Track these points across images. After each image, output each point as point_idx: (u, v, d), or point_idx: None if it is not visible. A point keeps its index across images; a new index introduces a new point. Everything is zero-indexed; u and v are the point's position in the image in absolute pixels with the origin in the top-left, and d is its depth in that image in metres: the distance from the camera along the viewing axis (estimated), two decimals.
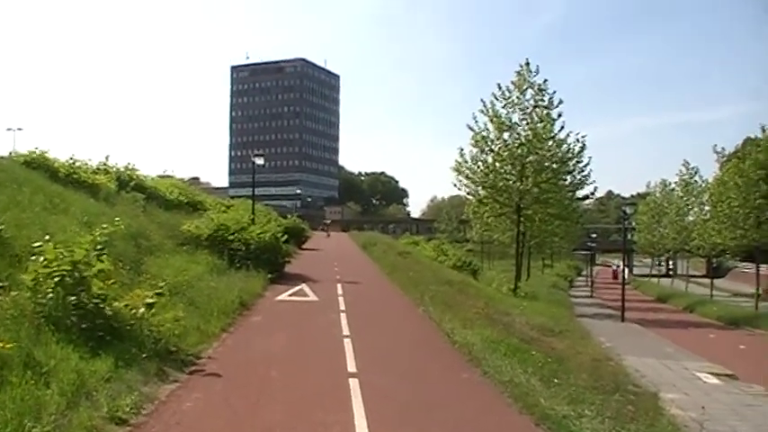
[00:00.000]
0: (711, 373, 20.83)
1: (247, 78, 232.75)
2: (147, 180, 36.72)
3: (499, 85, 39.80)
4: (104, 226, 12.88)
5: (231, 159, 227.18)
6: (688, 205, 70.69)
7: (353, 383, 11.29)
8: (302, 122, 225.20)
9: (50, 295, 10.66)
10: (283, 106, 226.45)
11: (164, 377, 10.67)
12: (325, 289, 25.14)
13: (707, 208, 63.58)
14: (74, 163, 28.92)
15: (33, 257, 11.27)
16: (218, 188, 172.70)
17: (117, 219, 14.76)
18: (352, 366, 12.80)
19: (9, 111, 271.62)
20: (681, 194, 72.47)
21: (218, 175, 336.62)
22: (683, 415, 13.63)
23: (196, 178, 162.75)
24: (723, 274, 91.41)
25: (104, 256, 11.92)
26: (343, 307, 20.96)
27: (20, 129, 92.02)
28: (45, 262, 10.89)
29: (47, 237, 12.03)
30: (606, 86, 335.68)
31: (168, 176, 46.17)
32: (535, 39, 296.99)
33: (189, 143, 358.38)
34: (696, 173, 70.61)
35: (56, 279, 10.76)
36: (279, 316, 19.14)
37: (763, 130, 52.63)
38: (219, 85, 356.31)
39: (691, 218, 69.62)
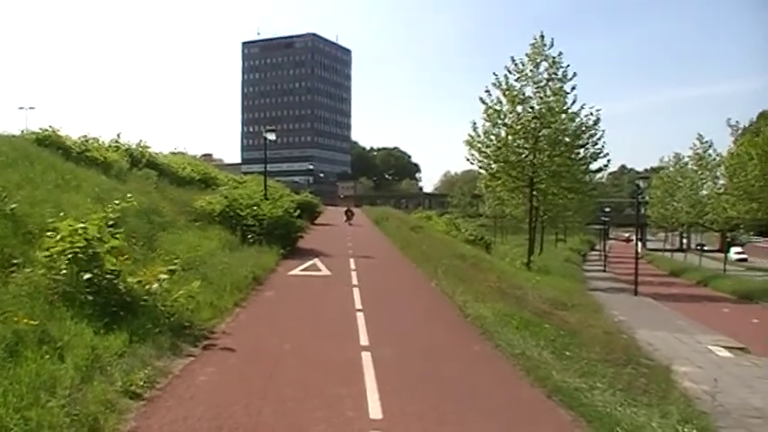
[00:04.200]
0: (724, 347, 20.88)
1: (258, 54, 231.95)
2: (160, 157, 36.70)
3: (513, 58, 39.70)
4: (117, 202, 12.96)
5: (243, 135, 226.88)
6: (702, 179, 70.38)
7: (366, 357, 11.36)
8: (314, 98, 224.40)
9: (64, 271, 10.75)
10: (295, 82, 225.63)
11: (177, 352, 10.74)
12: (338, 263, 25.21)
13: (721, 182, 63.54)
14: (86, 140, 28.91)
15: (49, 234, 11.33)
16: (230, 164, 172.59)
17: (129, 195, 14.85)
18: (364, 340, 12.87)
19: (21, 89, 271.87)
20: (695, 168, 72.17)
21: (230, 152, 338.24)
22: (696, 387, 13.67)
23: (209, 155, 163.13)
24: None
25: (118, 233, 11.99)
26: (355, 281, 21.05)
27: (32, 108, 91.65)
28: (59, 239, 10.95)
29: (61, 214, 12.10)
30: (620, 61, 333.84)
31: (180, 153, 46.11)
32: (550, 12, 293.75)
33: (201, 120, 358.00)
34: (710, 146, 70.28)
35: (69, 256, 10.84)
36: (292, 291, 19.22)
37: None
38: (231, 62, 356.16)
39: (704, 192, 69.31)
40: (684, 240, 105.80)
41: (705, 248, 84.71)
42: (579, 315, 22.03)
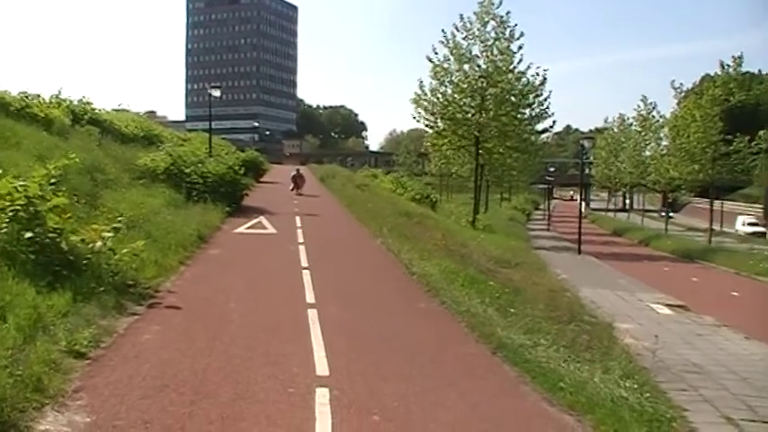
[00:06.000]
0: (665, 304, 21.37)
1: (203, 10, 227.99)
2: (103, 114, 36.02)
3: (461, 16, 39.62)
4: (58, 160, 12.69)
5: (188, 93, 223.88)
6: (645, 140, 71.41)
7: (312, 314, 11.37)
8: (260, 55, 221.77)
9: (5, 230, 10.52)
10: (240, 38, 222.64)
11: (122, 310, 10.61)
12: (284, 221, 25.12)
13: (664, 143, 64.67)
14: (26, 97, 28.22)
15: None
16: (174, 121, 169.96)
17: (71, 152, 14.55)
18: (310, 297, 12.88)
19: None
20: (638, 129, 73.15)
21: (174, 109, 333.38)
22: (637, 344, 14.02)
23: (152, 112, 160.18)
24: (678, 210, 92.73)
25: (60, 190, 11.78)
26: (301, 239, 20.99)
27: None
28: None
29: None
30: (569, 21, 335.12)
31: (124, 110, 45.21)
32: None
33: (145, 76, 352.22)
34: (654, 108, 71.25)
35: (10, 214, 10.61)
36: (237, 248, 19.12)
37: (722, 67, 53.42)
38: (175, 17, 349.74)
39: (648, 153, 70.33)
40: (627, 201, 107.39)
41: (670, 215, 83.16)
42: (523, 273, 22.30)
